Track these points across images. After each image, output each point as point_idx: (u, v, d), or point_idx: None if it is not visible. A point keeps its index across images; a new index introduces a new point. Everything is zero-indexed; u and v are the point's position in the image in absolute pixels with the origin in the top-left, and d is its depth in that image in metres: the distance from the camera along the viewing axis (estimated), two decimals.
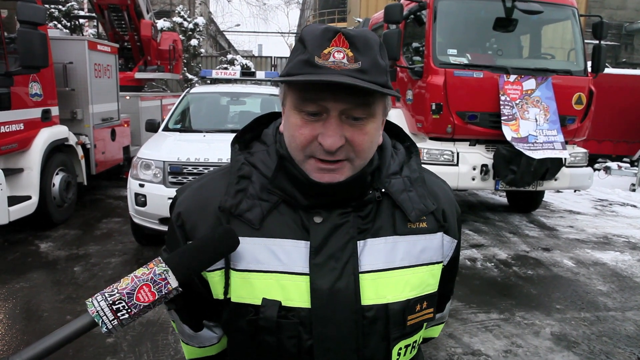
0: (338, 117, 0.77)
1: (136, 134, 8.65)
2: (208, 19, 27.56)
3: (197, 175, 4.37)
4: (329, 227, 0.83)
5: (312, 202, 0.83)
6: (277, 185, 0.84)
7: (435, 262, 0.90)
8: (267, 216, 0.84)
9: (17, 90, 4.96)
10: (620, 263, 5.09)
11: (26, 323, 3.45)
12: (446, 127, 5.60)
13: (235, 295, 0.83)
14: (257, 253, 0.83)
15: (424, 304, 0.88)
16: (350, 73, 0.75)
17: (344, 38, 0.76)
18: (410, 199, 0.88)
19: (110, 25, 10.13)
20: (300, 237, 0.83)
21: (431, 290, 0.90)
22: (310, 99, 0.77)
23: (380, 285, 0.83)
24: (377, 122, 0.81)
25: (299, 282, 0.82)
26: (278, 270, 0.82)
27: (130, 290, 0.71)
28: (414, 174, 0.90)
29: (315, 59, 0.75)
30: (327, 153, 0.78)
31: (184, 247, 0.78)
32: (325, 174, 0.80)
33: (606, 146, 10.92)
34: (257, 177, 0.86)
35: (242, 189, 0.85)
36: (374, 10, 17.68)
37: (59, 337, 0.69)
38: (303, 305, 0.81)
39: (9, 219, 4.68)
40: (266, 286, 0.82)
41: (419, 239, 0.88)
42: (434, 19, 5.67)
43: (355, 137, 0.78)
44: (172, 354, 3.08)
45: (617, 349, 3.30)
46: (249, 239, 0.83)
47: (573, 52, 6.13)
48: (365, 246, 0.84)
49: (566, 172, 5.79)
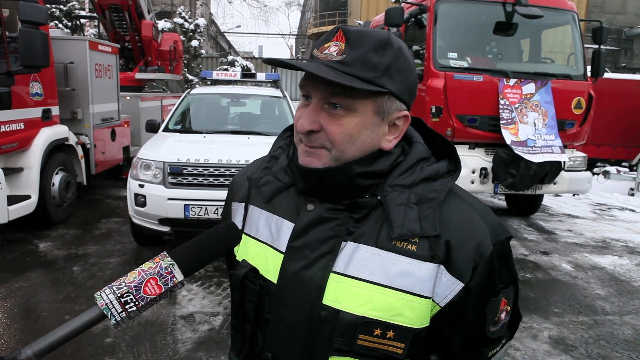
0: (318, 104, 0.82)
1: (136, 135, 8.66)
2: (209, 20, 27.59)
3: (197, 177, 4.44)
4: (314, 216, 0.86)
5: (306, 188, 0.87)
6: (291, 168, 0.92)
7: (417, 293, 0.80)
8: (278, 194, 0.92)
9: (17, 90, 4.97)
10: (619, 267, 5.10)
11: (25, 322, 3.45)
12: (446, 130, 5.61)
13: (238, 252, 0.95)
14: (259, 223, 0.93)
15: (388, 332, 0.80)
16: (330, 64, 0.79)
17: (342, 33, 0.80)
18: (405, 214, 0.80)
19: (111, 26, 10.14)
20: (293, 220, 0.88)
21: (404, 323, 0.80)
22: (302, 85, 0.84)
23: (339, 289, 0.82)
24: (358, 117, 0.80)
25: (277, 259, 0.88)
26: (267, 243, 0.90)
27: (138, 284, 0.73)
28: (430, 194, 0.82)
29: (314, 51, 0.83)
30: (304, 136, 0.83)
31: (188, 242, 0.80)
32: (305, 157, 0.85)
33: (605, 150, 10.95)
34: (283, 159, 0.95)
35: (269, 166, 0.95)
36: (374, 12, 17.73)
37: (69, 329, 0.71)
38: (273, 280, 0.87)
39: (9, 218, 4.68)
40: (255, 252, 0.91)
41: (400, 260, 0.80)
42: (434, 22, 5.68)
43: (329, 125, 0.81)
44: (171, 354, 3.08)
45: (614, 353, 3.31)
46: (259, 210, 0.93)
47: (573, 56, 6.15)
48: (344, 247, 0.83)
49: (565, 176, 5.81)
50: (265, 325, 0.88)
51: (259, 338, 0.89)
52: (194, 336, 3.32)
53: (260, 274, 0.88)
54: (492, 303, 0.84)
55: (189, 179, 4.41)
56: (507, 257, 0.87)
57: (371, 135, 0.82)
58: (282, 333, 0.86)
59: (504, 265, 0.85)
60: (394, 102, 0.82)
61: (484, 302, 0.84)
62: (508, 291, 0.87)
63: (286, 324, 0.85)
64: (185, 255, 0.77)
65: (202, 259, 0.80)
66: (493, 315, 0.85)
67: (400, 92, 0.82)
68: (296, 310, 0.84)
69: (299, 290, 0.84)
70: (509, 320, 0.90)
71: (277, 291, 0.86)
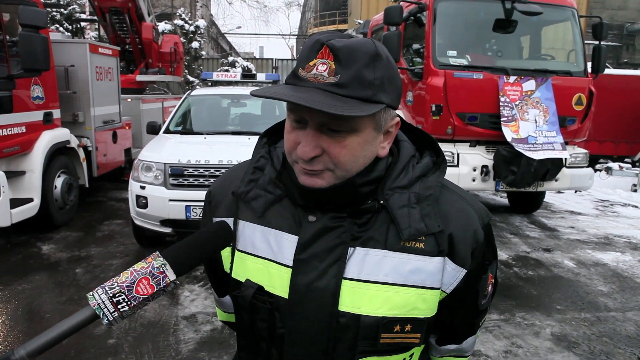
0: (317, 128, 0.78)
1: (137, 137, 8.67)
2: (209, 21, 27.63)
3: (198, 178, 4.45)
4: (319, 227, 0.85)
5: (306, 202, 0.86)
6: (282, 181, 0.90)
7: (428, 287, 0.85)
8: (270, 207, 0.89)
9: (19, 93, 4.99)
10: (621, 264, 5.09)
11: (28, 324, 3.47)
12: (446, 128, 5.61)
13: (234, 271, 0.92)
14: (255, 238, 0.90)
15: (406, 326, 0.84)
16: (326, 87, 0.75)
17: (329, 50, 0.75)
18: (409, 215, 0.84)
19: (111, 28, 10.16)
20: (294, 232, 0.87)
21: (419, 315, 0.85)
22: (292, 109, 0.80)
23: (356, 295, 0.83)
24: (361, 136, 0.80)
25: (283, 273, 0.86)
26: (268, 258, 0.88)
27: (130, 284, 0.74)
28: (427, 191, 0.85)
29: (299, 71, 0.78)
30: (305, 162, 0.80)
31: (180, 242, 0.81)
32: (307, 178, 0.82)
33: (608, 147, 10.91)
34: (269, 170, 0.92)
35: (254, 179, 0.91)
36: (374, 11, 17.71)
37: (61, 330, 0.72)
38: (282, 295, 0.86)
39: (11, 221, 4.71)
40: (256, 269, 0.89)
41: (411, 258, 0.84)
42: (433, 20, 5.68)
43: (332, 149, 0.79)
44: (173, 355, 3.09)
45: (617, 350, 3.31)
46: (252, 225, 0.91)
47: (573, 53, 6.13)
48: (353, 253, 0.84)
49: (567, 172, 5.79)
50: (279, 341, 0.87)
51: (274, 353, 0.89)
52: (196, 336, 3.33)
53: (266, 291, 0.87)
54: (483, 280, 0.92)
55: (190, 180, 4.43)
56: (492, 237, 0.94)
57: (371, 149, 0.83)
58: (300, 345, 0.86)
59: (490, 244, 0.93)
60: (389, 112, 0.84)
61: (477, 281, 0.91)
62: (492, 266, 0.95)
63: (304, 336, 0.85)
64: (177, 255, 0.78)
65: (194, 259, 0.80)
66: (484, 290, 0.94)
67: (392, 101, 0.82)
68: (313, 321, 0.84)
69: (314, 301, 0.84)
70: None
71: (290, 305, 0.85)
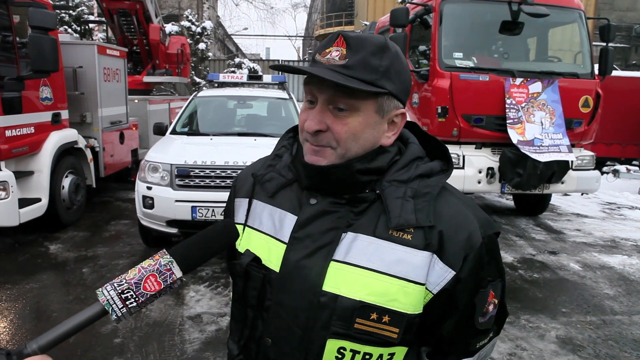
0: (324, 105, 0.87)
1: (144, 137, 8.73)
2: (216, 22, 27.74)
3: (204, 178, 4.47)
4: (317, 209, 0.91)
5: (310, 183, 0.93)
6: (295, 165, 0.97)
7: (411, 280, 0.85)
8: (281, 189, 0.97)
9: (28, 94, 5.05)
10: (628, 267, 5.06)
11: (36, 323, 3.51)
12: (452, 130, 5.60)
13: (241, 244, 1.00)
14: (263, 216, 0.98)
15: (384, 317, 0.85)
16: (334, 68, 0.84)
17: (343, 39, 0.85)
18: (402, 206, 0.86)
19: (119, 30, 10.24)
20: (296, 213, 0.94)
21: (399, 308, 0.85)
22: (308, 89, 0.89)
23: (339, 276, 0.87)
24: (362, 116, 0.86)
25: (279, 249, 0.92)
26: (269, 234, 0.95)
27: (138, 280, 0.76)
28: (425, 189, 0.88)
29: (316, 56, 0.88)
30: (311, 136, 0.88)
31: (187, 240, 0.83)
32: (312, 156, 0.90)
33: (615, 149, 10.83)
34: (287, 157, 1.01)
35: (273, 164, 1.01)
36: (381, 13, 17.71)
37: (72, 325, 0.74)
38: (275, 269, 0.92)
39: (20, 220, 4.77)
40: (258, 244, 0.96)
41: (396, 248, 0.86)
42: (439, 22, 5.68)
43: (335, 125, 0.86)
44: (178, 355, 3.11)
45: (623, 353, 3.29)
46: (262, 204, 0.99)
47: (580, 55, 6.11)
48: (344, 238, 0.89)
49: (573, 175, 5.77)
50: (266, 312, 0.93)
51: (259, 324, 0.94)
52: (201, 336, 3.35)
53: (262, 264, 0.93)
54: (481, 294, 0.89)
55: (196, 180, 4.45)
56: (495, 252, 0.92)
57: (373, 132, 0.88)
58: (282, 319, 0.90)
59: (492, 259, 0.91)
60: (393, 101, 0.89)
61: (473, 293, 0.89)
62: (495, 284, 0.92)
63: (287, 310, 0.90)
64: (183, 253, 0.80)
65: (201, 256, 0.83)
66: (482, 307, 0.90)
67: (397, 91, 0.88)
68: (297, 296, 0.89)
69: (300, 278, 0.89)
70: (496, 315, 0.94)
71: (279, 279, 0.90)
